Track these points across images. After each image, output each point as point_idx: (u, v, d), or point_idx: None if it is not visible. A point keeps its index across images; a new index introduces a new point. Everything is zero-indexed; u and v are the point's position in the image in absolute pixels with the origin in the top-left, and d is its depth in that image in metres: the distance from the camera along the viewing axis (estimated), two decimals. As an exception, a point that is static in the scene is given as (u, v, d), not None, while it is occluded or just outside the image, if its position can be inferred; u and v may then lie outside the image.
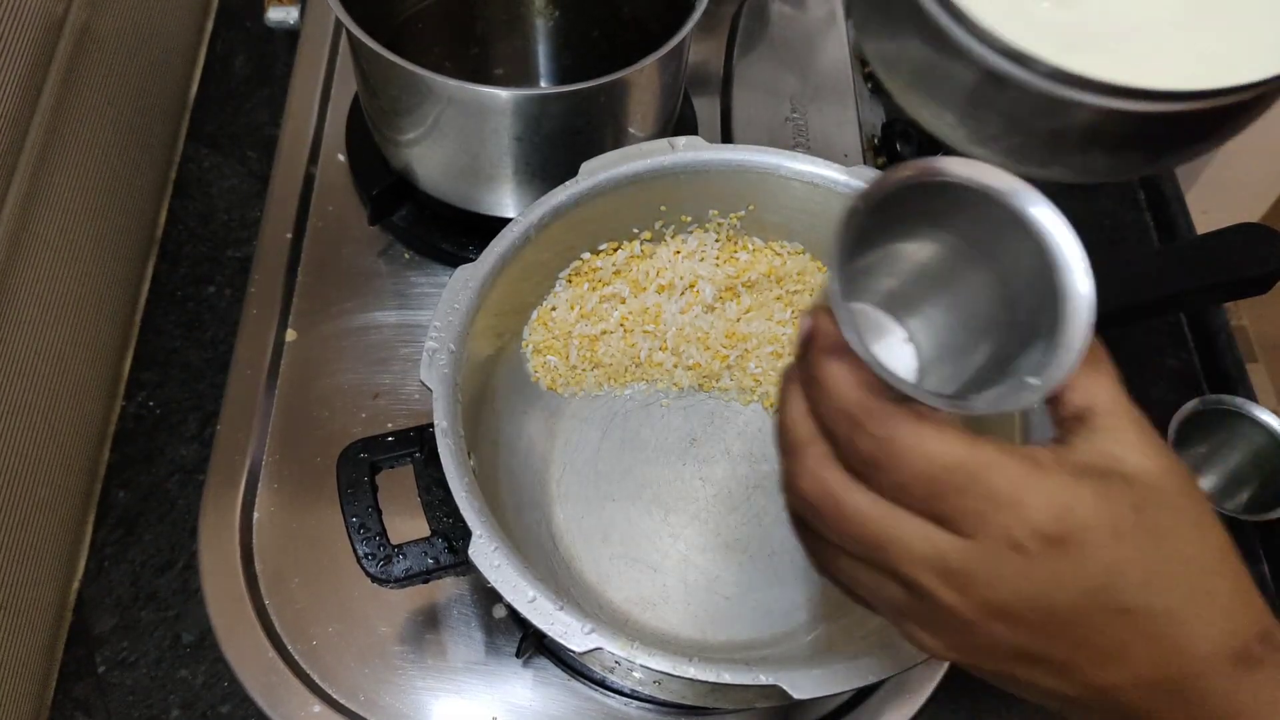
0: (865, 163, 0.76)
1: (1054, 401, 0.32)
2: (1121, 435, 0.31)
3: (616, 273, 0.59)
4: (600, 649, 0.41)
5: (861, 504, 0.30)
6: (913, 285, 0.35)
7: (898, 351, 0.36)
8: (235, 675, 0.57)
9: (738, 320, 0.61)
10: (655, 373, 0.62)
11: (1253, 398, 0.66)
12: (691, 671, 0.41)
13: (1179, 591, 0.29)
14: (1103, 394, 0.32)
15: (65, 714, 0.58)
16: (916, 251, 0.34)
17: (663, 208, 0.57)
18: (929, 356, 0.36)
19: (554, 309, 0.59)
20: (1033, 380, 0.30)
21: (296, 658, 0.58)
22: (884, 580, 0.31)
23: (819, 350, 0.30)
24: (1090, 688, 0.30)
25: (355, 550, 0.48)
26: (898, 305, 0.36)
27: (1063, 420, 0.32)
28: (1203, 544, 0.30)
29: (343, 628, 0.59)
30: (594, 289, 0.59)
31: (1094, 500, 0.29)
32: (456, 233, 0.72)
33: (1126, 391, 0.32)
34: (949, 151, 0.34)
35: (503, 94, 0.59)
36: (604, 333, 0.60)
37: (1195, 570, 0.30)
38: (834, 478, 0.30)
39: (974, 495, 0.29)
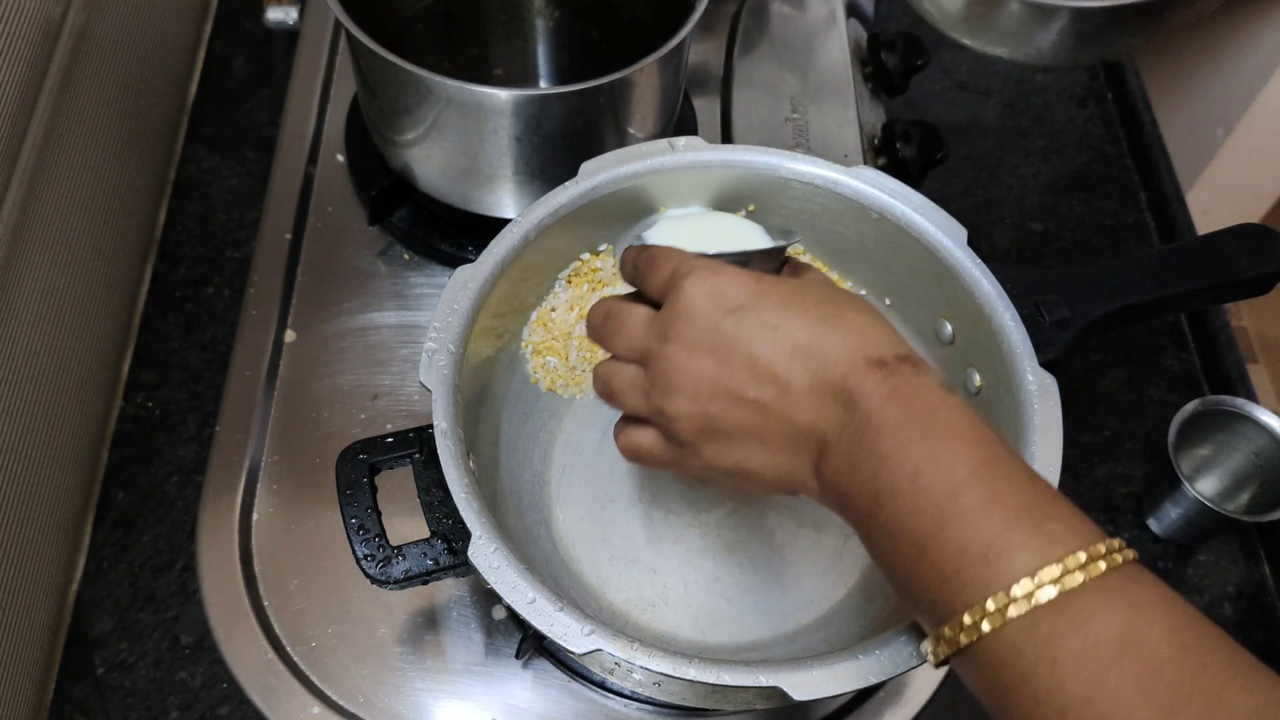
0: (865, 163, 0.76)
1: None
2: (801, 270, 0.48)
3: (616, 274, 0.59)
4: (600, 650, 0.41)
5: (622, 303, 0.44)
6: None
7: None
8: (234, 677, 0.57)
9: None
10: (655, 373, 0.62)
11: (1253, 398, 0.66)
12: (691, 673, 0.40)
13: (812, 315, 0.39)
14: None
15: (64, 715, 0.57)
16: None
17: (663, 208, 0.57)
18: None
19: (553, 310, 0.59)
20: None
21: (295, 659, 0.58)
22: (634, 368, 0.43)
23: (628, 255, 0.47)
24: (776, 409, 0.39)
25: (354, 551, 0.48)
26: None
27: None
28: (845, 297, 0.42)
29: (342, 629, 0.59)
30: (594, 289, 0.59)
31: (743, 271, 0.41)
32: (456, 233, 0.72)
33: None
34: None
35: (502, 94, 0.58)
36: (604, 333, 0.60)
37: (832, 305, 0.40)
38: (615, 301, 0.45)
39: (668, 266, 0.42)
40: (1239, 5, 1.14)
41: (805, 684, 0.40)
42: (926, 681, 0.59)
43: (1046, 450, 0.46)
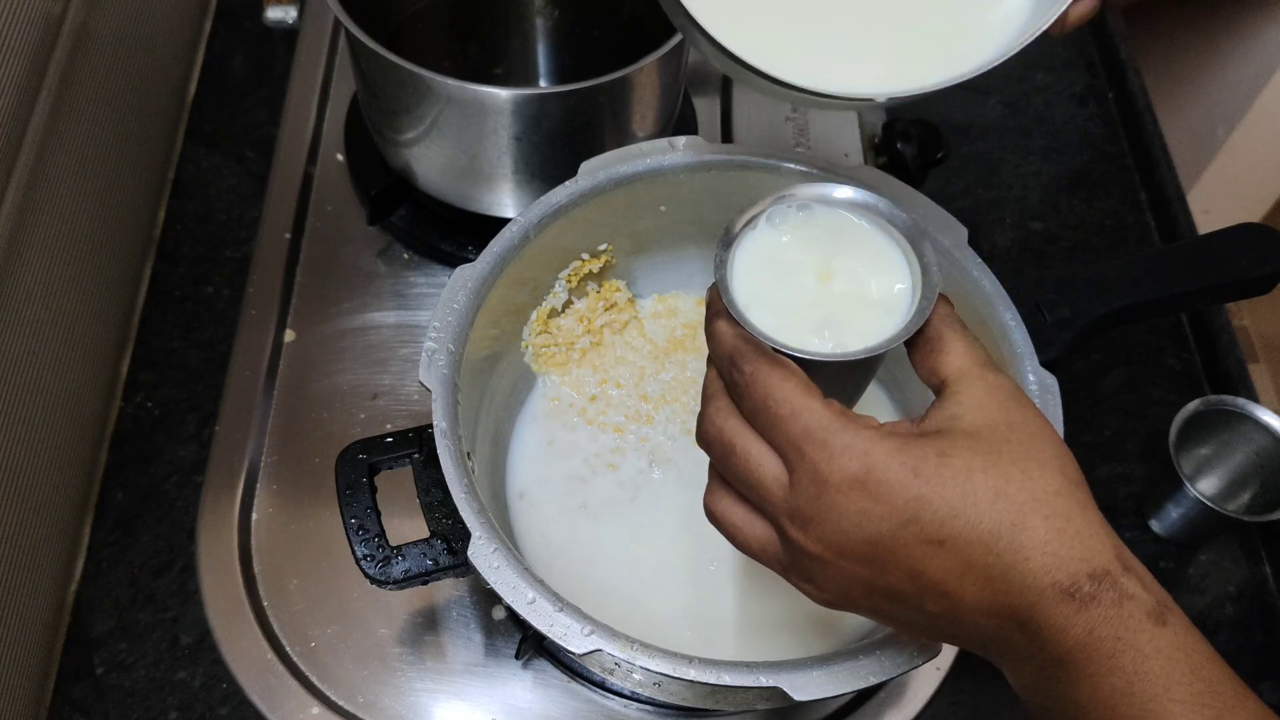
0: (866, 163, 0.76)
1: (926, 383, 0.38)
2: (964, 399, 0.35)
3: (623, 285, 0.59)
4: (600, 650, 0.41)
5: (741, 437, 0.36)
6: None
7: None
8: (233, 677, 0.57)
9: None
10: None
11: (1254, 398, 0.66)
12: (691, 673, 0.40)
13: (989, 524, 0.32)
14: (951, 369, 0.36)
15: (63, 715, 0.57)
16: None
17: (662, 208, 0.57)
18: None
19: (553, 312, 0.59)
20: (860, 345, 0.37)
21: (295, 659, 0.58)
22: (764, 525, 0.36)
23: (712, 314, 0.38)
24: (946, 617, 0.33)
25: (354, 551, 0.48)
26: None
27: (935, 396, 0.37)
28: (1024, 482, 0.32)
29: (341, 629, 0.59)
30: (605, 304, 0.59)
31: (892, 446, 0.33)
32: (455, 233, 0.72)
33: (984, 362, 0.36)
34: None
35: (502, 93, 0.58)
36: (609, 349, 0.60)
37: (1008, 505, 0.32)
38: (729, 423, 0.36)
39: (793, 429, 0.34)
40: (1240, 5, 1.14)
41: (805, 684, 0.40)
42: (927, 682, 0.59)
43: (1047, 450, 0.46)
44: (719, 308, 0.38)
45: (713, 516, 0.39)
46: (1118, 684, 0.31)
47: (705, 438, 0.37)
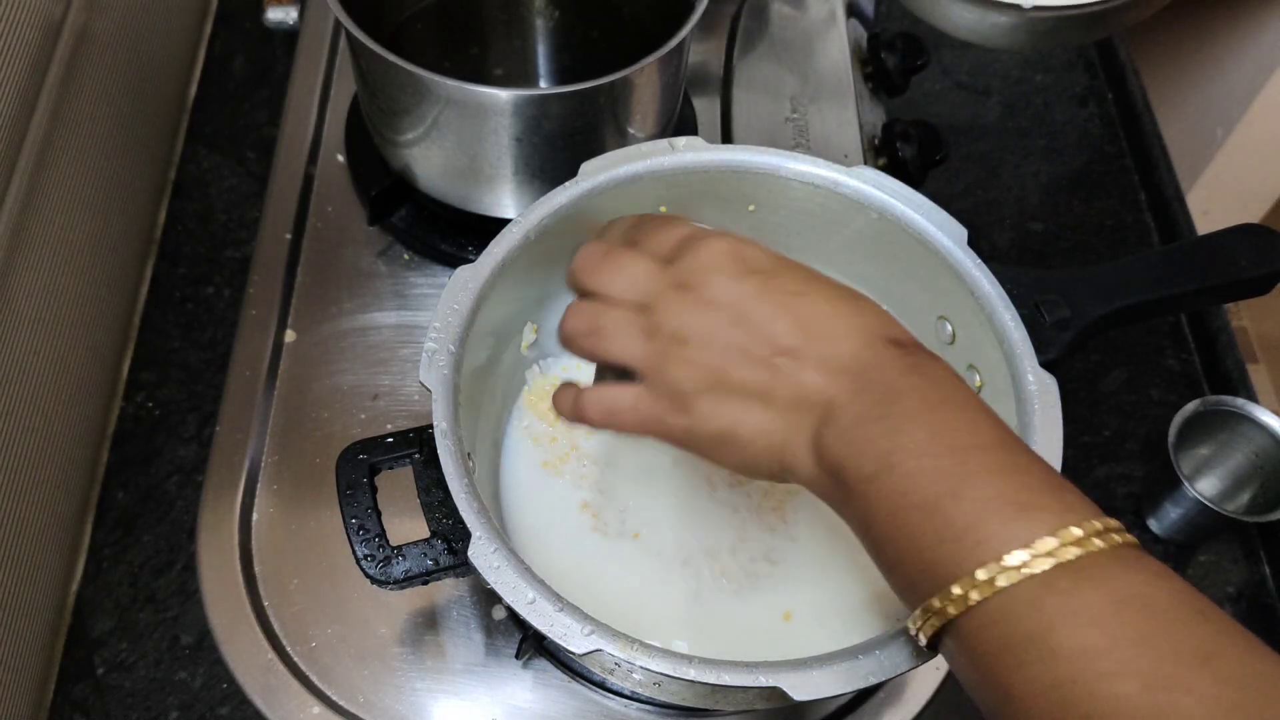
0: (865, 163, 0.76)
1: None
2: None
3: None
4: (600, 650, 0.41)
5: (614, 248, 0.43)
6: None
7: None
8: (234, 677, 0.57)
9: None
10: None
11: (1253, 399, 0.66)
12: (691, 673, 0.40)
13: (833, 291, 0.40)
14: None
15: (63, 716, 0.57)
16: None
17: (662, 208, 0.57)
18: None
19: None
20: None
21: (295, 659, 0.58)
22: (626, 309, 0.41)
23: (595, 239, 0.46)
24: (794, 382, 0.38)
25: (354, 551, 0.48)
26: None
27: None
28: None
29: (342, 629, 0.59)
30: None
31: (762, 245, 0.42)
32: (456, 233, 0.72)
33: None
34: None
35: (502, 94, 0.58)
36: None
37: (846, 289, 0.40)
38: (598, 248, 0.43)
39: (681, 232, 0.42)
40: (1239, 5, 1.14)
41: (805, 684, 0.40)
42: (926, 682, 0.59)
43: (1047, 450, 0.46)
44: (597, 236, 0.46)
45: (578, 315, 0.42)
46: (936, 397, 0.37)
47: (588, 257, 0.43)
